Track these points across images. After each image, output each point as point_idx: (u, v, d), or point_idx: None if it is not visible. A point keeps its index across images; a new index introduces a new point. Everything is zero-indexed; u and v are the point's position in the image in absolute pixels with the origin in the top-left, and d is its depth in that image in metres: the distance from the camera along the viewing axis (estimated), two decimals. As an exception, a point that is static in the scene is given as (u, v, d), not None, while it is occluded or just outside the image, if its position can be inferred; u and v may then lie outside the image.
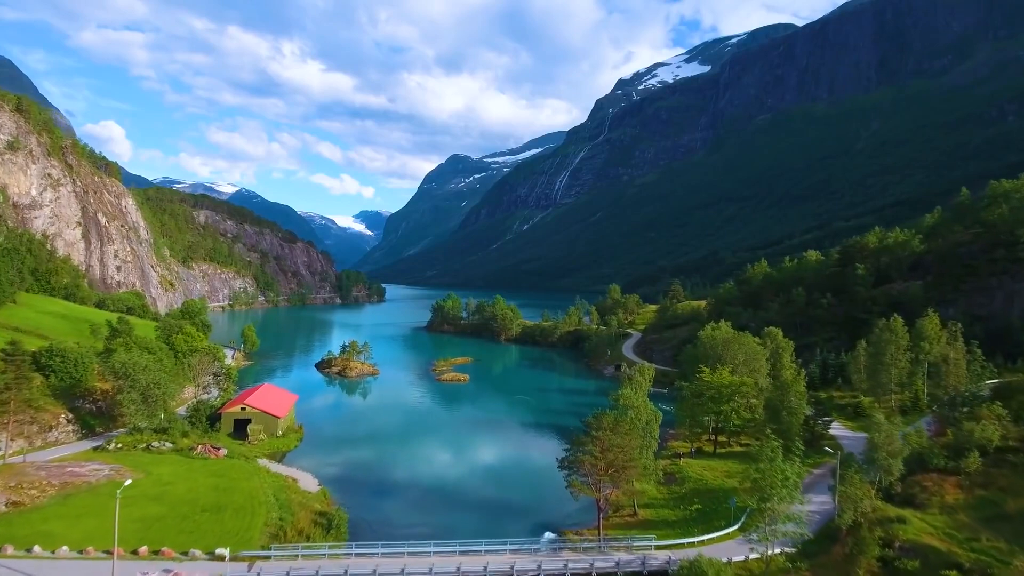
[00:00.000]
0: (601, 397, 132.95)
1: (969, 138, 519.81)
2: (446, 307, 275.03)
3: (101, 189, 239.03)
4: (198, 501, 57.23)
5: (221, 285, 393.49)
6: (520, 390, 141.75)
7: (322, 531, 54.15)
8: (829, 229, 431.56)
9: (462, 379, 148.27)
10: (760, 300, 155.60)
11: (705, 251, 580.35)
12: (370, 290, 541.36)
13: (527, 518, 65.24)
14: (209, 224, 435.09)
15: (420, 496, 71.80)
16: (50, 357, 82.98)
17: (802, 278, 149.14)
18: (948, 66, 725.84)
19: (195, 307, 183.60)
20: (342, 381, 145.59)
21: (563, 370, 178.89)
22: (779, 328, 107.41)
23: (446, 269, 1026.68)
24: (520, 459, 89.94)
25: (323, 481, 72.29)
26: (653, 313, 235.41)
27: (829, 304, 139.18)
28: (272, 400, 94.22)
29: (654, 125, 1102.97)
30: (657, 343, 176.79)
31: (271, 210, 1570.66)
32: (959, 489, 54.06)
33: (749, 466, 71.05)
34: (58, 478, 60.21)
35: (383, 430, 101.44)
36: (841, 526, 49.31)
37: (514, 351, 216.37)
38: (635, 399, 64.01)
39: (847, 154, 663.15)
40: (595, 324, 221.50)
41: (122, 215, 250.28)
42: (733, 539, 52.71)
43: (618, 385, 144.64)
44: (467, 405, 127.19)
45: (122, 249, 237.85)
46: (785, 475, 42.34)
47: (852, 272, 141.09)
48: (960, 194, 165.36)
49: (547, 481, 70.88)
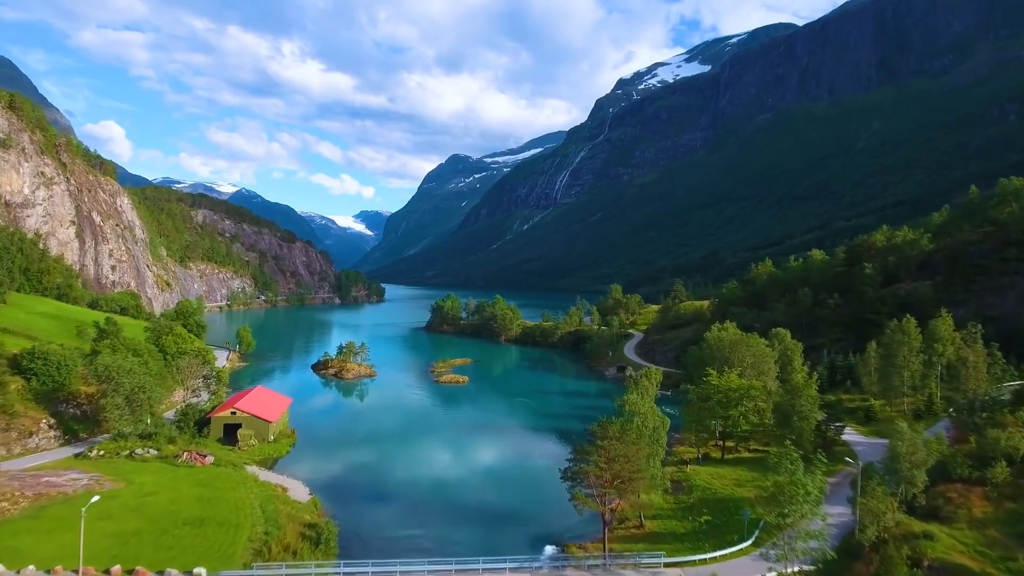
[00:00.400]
0: (603, 399, 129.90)
1: (970, 138, 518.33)
2: (445, 307, 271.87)
3: (96, 188, 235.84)
4: (180, 513, 54.05)
5: (219, 285, 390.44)
6: (520, 392, 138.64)
7: (310, 546, 50.96)
8: (830, 229, 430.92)
9: (461, 381, 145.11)
10: (765, 300, 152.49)
11: (705, 251, 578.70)
12: (369, 290, 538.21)
13: (528, 528, 62.10)
14: (207, 224, 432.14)
15: (416, 505, 68.67)
16: (32, 360, 79.84)
17: (808, 278, 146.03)
18: (949, 66, 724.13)
19: (189, 307, 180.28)
20: (338, 383, 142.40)
21: (564, 371, 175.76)
22: (785, 329, 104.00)
23: (446, 269, 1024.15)
24: (520, 465, 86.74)
25: (315, 489, 69.15)
26: (655, 313, 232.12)
27: (836, 304, 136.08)
28: (264, 404, 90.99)
29: (654, 125, 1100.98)
30: (660, 344, 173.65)
31: (271, 210, 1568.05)
32: (987, 501, 50.88)
33: (762, 474, 68.73)
34: (32, 488, 57.05)
35: (378, 434, 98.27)
36: (863, 542, 46.15)
37: (514, 352, 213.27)
38: (642, 405, 60.86)
39: (847, 154, 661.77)
40: (596, 325, 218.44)
41: (117, 214, 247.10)
42: (748, 555, 49.50)
43: (621, 387, 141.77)
44: (466, 407, 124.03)
45: (117, 248, 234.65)
46: (807, 490, 39.20)
47: (860, 272, 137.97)
48: (969, 192, 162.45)
49: (548, 488, 67.73)
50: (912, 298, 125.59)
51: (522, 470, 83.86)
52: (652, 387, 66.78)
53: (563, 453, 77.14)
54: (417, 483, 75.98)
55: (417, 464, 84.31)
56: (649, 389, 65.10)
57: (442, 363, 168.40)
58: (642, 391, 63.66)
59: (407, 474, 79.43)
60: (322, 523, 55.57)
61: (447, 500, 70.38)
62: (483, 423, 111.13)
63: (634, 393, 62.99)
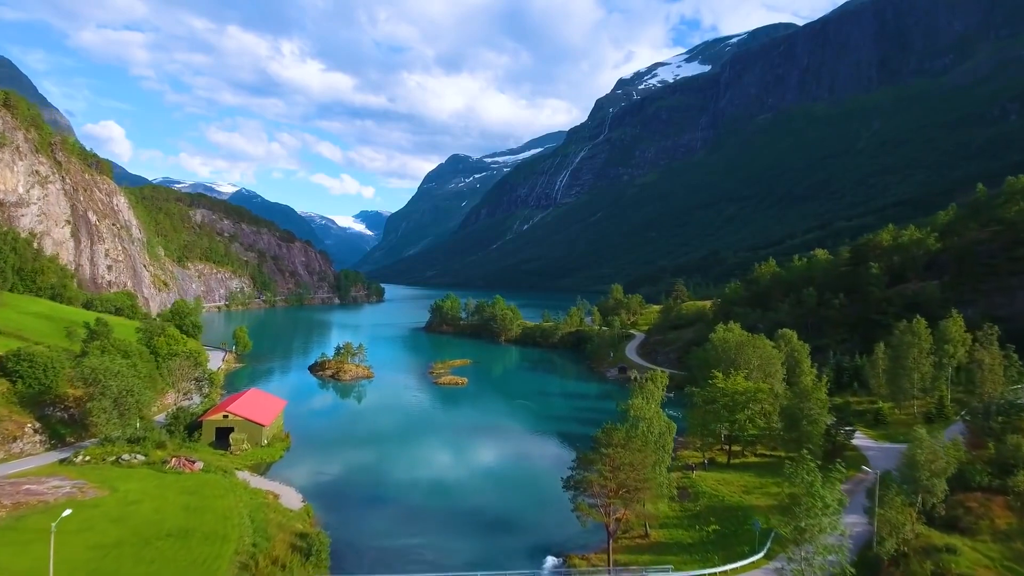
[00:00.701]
0: (605, 401, 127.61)
1: (971, 138, 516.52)
2: (445, 307, 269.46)
3: (92, 187, 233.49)
4: (164, 524, 51.68)
5: (217, 285, 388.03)
6: (520, 394, 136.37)
7: (300, 558, 48.57)
8: (831, 229, 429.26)
9: (460, 382, 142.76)
10: (769, 300, 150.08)
11: (706, 251, 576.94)
12: (369, 290, 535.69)
13: (528, 536, 59.78)
14: (206, 223, 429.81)
15: (412, 511, 66.34)
16: (17, 362, 77.47)
17: (812, 278, 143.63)
18: (949, 65, 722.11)
19: (185, 308, 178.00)
20: (335, 385, 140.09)
21: (564, 372, 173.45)
22: (790, 330, 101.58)
23: (446, 269, 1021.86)
24: (521, 470, 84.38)
25: (308, 496, 66.84)
26: (656, 314, 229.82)
27: (842, 304, 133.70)
28: (258, 406, 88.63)
29: (654, 125, 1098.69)
30: (662, 345, 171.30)
31: (271, 210, 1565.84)
32: (1009, 511, 48.54)
33: (770, 480, 66.38)
34: (11, 497, 54.69)
35: (375, 437, 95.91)
36: (882, 556, 43.80)
37: (514, 352, 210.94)
38: (647, 410, 58.49)
39: (848, 154, 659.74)
40: (597, 325, 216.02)
41: (114, 213, 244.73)
42: (759, 568, 47.18)
43: (623, 388, 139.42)
44: (465, 410, 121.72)
45: (113, 248, 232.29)
46: (825, 502, 36.85)
47: (865, 271, 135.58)
48: (975, 191, 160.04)
49: (550, 494, 65.36)
50: (919, 298, 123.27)
51: (523, 475, 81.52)
52: (658, 391, 64.35)
53: (565, 457, 74.87)
54: (414, 488, 73.65)
55: (415, 468, 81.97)
56: (655, 393, 62.69)
57: (441, 364, 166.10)
58: (647, 395, 61.27)
59: (404, 479, 77.10)
60: (313, 534, 53.21)
61: (445, 506, 68.09)
62: (482, 426, 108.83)
63: (639, 397, 60.61)
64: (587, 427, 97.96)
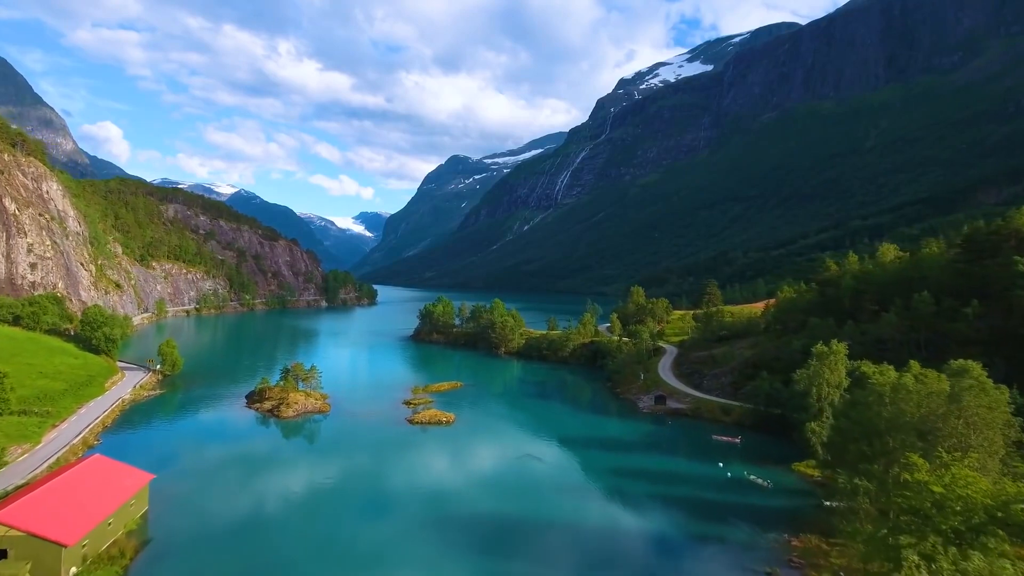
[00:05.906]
0: (651, 454, 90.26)
1: (985, 135, 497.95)
2: (436, 313, 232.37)
3: (12, 169, 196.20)
4: None
5: (187, 287, 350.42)
6: (527, 438, 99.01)
7: None
8: (846, 228, 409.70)
9: (444, 420, 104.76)
10: (857, 309, 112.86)
11: (711, 251, 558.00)
12: (360, 292, 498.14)
13: None
14: (179, 219, 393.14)
15: None
16: None
17: (924, 277, 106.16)
18: (958, 63, 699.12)
19: (100, 316, 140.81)
20: (274, 424, 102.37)
21: (580, 399, 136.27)
22: (971, 362, 63.57)
23: (445, 270, 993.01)
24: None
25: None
26: (682, 320, 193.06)
27: (976, 313, 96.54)
28: (71, 502, 50.47)
29: (656, 124, 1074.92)
30: (706, 364, 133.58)
31: (270, 211, 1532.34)
32: None
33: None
34: None
35: (291, 539, 58.38)
36: None
37: (516, 368, 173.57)
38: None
39: (856, 152, 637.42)
40: (617, 335, 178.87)
41: (42, 202, 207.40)
42: None
43: (667, 430, 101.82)
44: (445, 474, 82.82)
45: (39, 243, 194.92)
46: None
47: (1004, 267, 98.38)
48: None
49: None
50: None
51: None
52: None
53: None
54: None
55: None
56: None
57: (422, 390, 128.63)
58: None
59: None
60: None
61: None
62: (468, 517, 69.98)
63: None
64: (638, 514, 61.07)
